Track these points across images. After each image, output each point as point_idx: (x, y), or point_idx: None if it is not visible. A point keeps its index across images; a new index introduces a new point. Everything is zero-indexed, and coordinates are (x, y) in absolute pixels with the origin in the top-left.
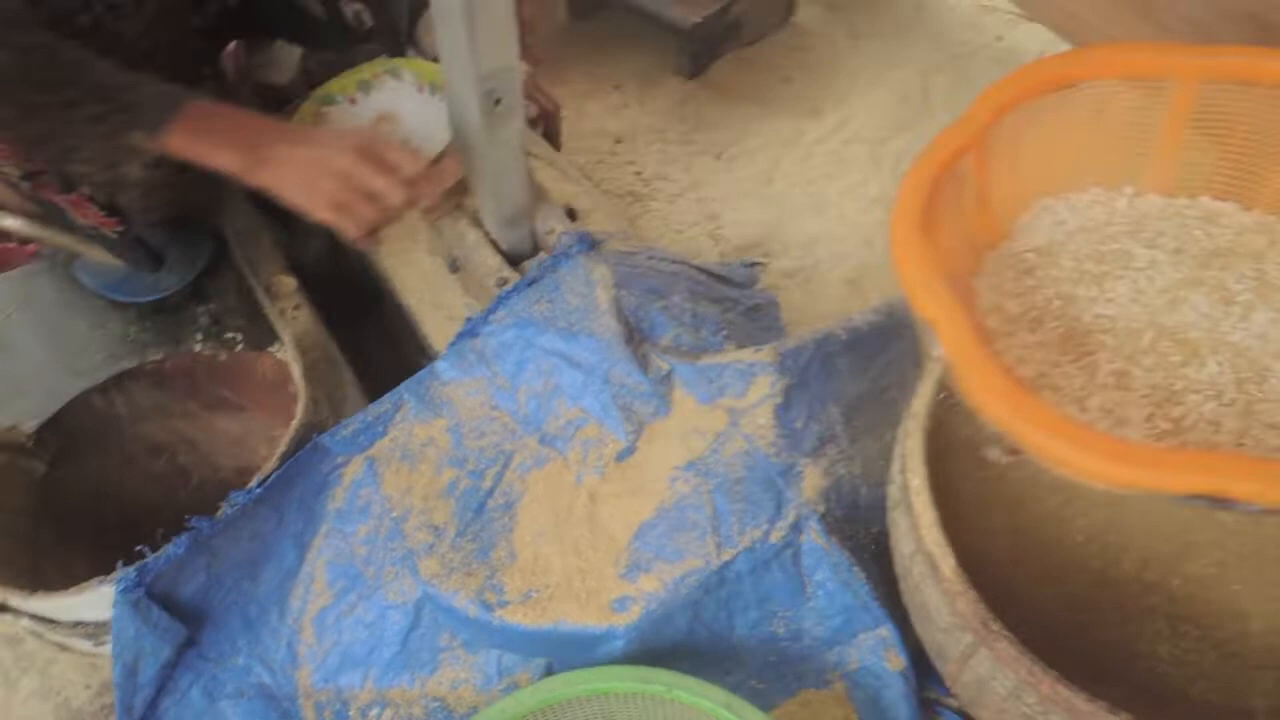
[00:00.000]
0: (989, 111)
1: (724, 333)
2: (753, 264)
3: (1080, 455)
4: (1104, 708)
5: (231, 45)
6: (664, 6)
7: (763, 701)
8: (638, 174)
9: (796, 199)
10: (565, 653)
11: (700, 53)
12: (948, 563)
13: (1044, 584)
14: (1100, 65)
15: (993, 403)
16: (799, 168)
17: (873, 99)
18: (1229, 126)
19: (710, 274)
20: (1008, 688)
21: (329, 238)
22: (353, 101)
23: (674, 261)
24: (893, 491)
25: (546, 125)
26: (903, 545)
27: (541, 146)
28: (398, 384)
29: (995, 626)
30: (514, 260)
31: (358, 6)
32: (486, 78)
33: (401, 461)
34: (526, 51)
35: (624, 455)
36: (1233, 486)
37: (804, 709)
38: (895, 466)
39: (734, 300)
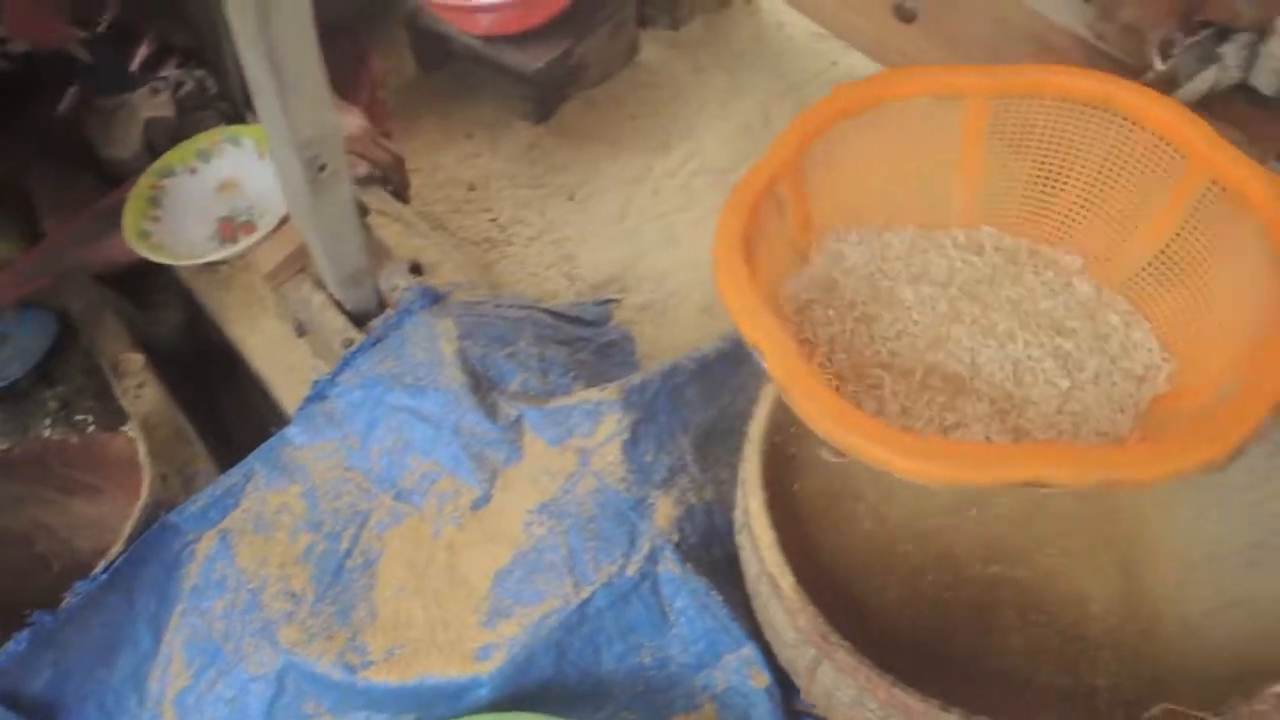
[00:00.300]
0: (799, 137)
1: (573, 374)
2: (605, 301)
3: (905, 459)
4: (936, 705)
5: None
6: (506, 55)
7: None
8: (493, 220)
9: (649, 233)
10: (433, 706)
11: (546, 97)
12: (787, 581)
13: (905, 589)
14: (901, 86)
15: (820, 419)
16: (650, 202)
17: (718, 130)
18: (1022, 140)
19: (560, 316)
20: (851, 695)
21: (183, 309)
22: (193, 171)
23: (521, 307)
24: (738, 515)
25: (391, 179)
26: (749, 567)
27: (388, 202)
28: None
29: (834, 639)
30: (361, 320)
31: (200, 73)
32: (306, 145)
33: (255, 532)
34: (377, 106)
35: (479, 504)
36: (1050, 473)
37: None
38: (738, 491)
39: (586, 340)
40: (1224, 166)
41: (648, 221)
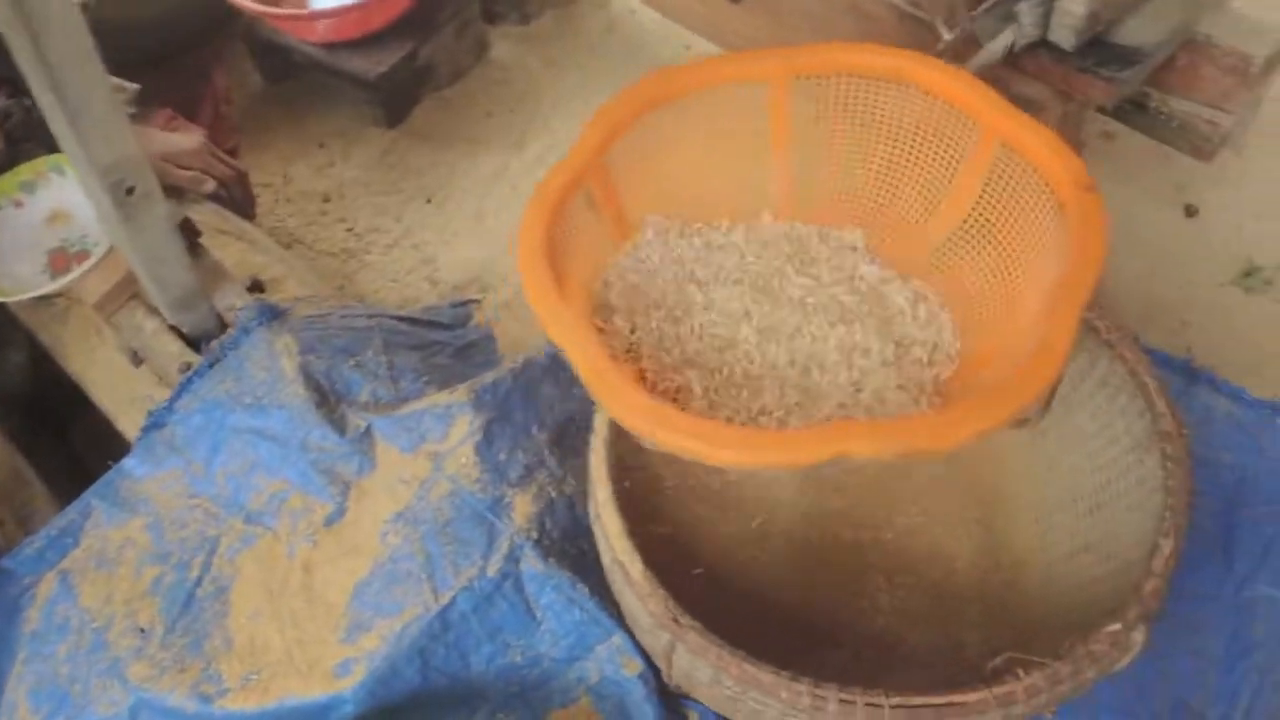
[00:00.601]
0: (600, 134)
1: (426, 378)
2: (463, 303)
3: (710, 448)
4: (786, 677)
5: None
6: (348, 61)
7: None
8: (350, 230)
9: (509, 231)
10: None
11: (395, 101)
12: (636, 567)
13: (774, 564)
14: (703, 75)
15: (629, 417)
16: (509, 200)
17: (574, 124)
18: (826, 120)
19: (413, 321)
20: (708, 675)
21: (26, 347)
22: (18, 205)
23: (370, 315)
24: (591, 506)
25: (234, 195)
26: (604, 556)
27: (229, 220)
28: None
29: (685, 620)
30: (200, 343)
31: (29, 102)
32: (108, 170)
33: (98, 569)
34: (222, 122)
35: (333, 519)
36: (852, 448)
37: None
38: (589, 482)
39: (442, 343)
40: (1009, 129)
41: (507, 219)
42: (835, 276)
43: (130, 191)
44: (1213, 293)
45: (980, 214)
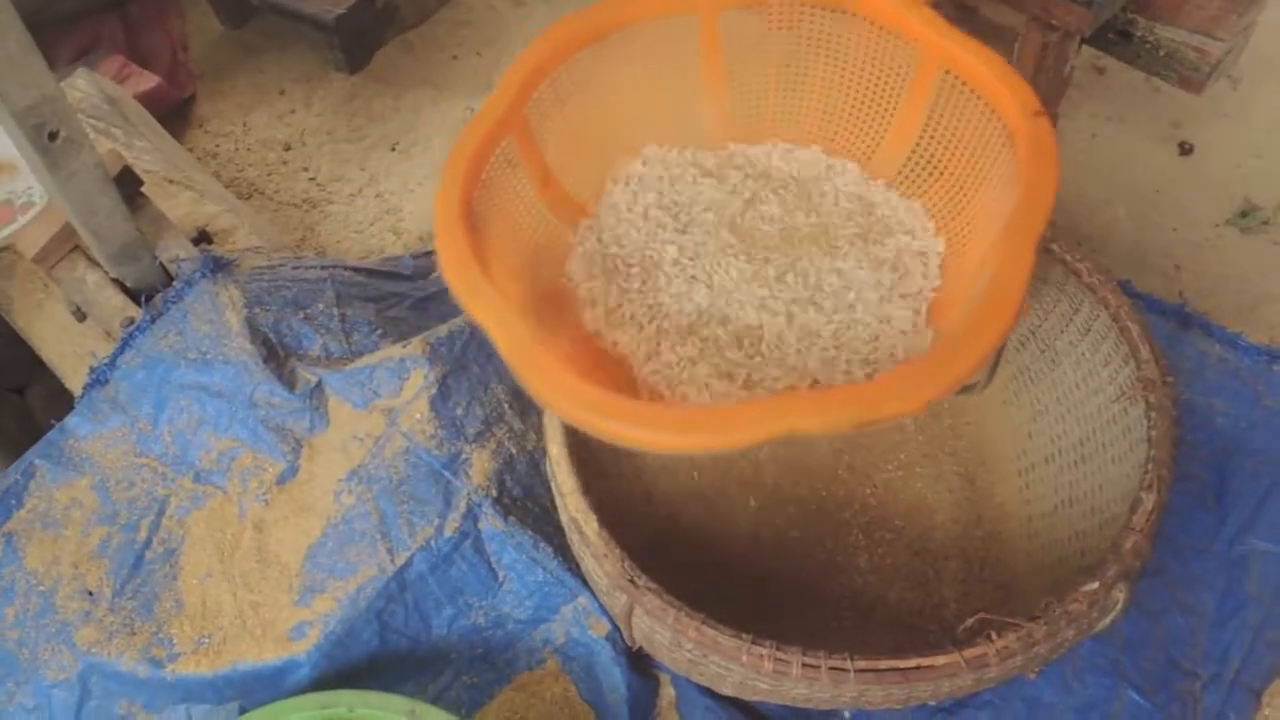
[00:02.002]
0: (515, 89)
1: (380, 332)
2: (426, 254)
3: (642, 432)
4: (748, 640)
5: None
6: (306, 3)
7: (480, 694)
8: (312, 179)
9: None
10: (252, 692)
11: (356, 45)
12: (590, 526)
13: (754, 524)
14: (624, 12)
15: (552, 398)
16: None
17: None
18: (760, 50)
19: (369, 272)
20: (668, 638)
21: None
22: None
23: (323, 266)
24: (547, 463)
25: None
26: (561, 514)
27: (179, 169)
28: None
29: (642, 582)
30: (147, 296)
31: None
32: (27, 112)
33: (44, 531)
34: (179, 69)
35: (285, 477)
36: (798, 424)
37: (522, 692)
38: (544, 438)
39: (401, 295)
40: (952, 52)
41: None
42: (804, 196)
43: (54, 136)
44: (1207, 234)
45: (927, 147)
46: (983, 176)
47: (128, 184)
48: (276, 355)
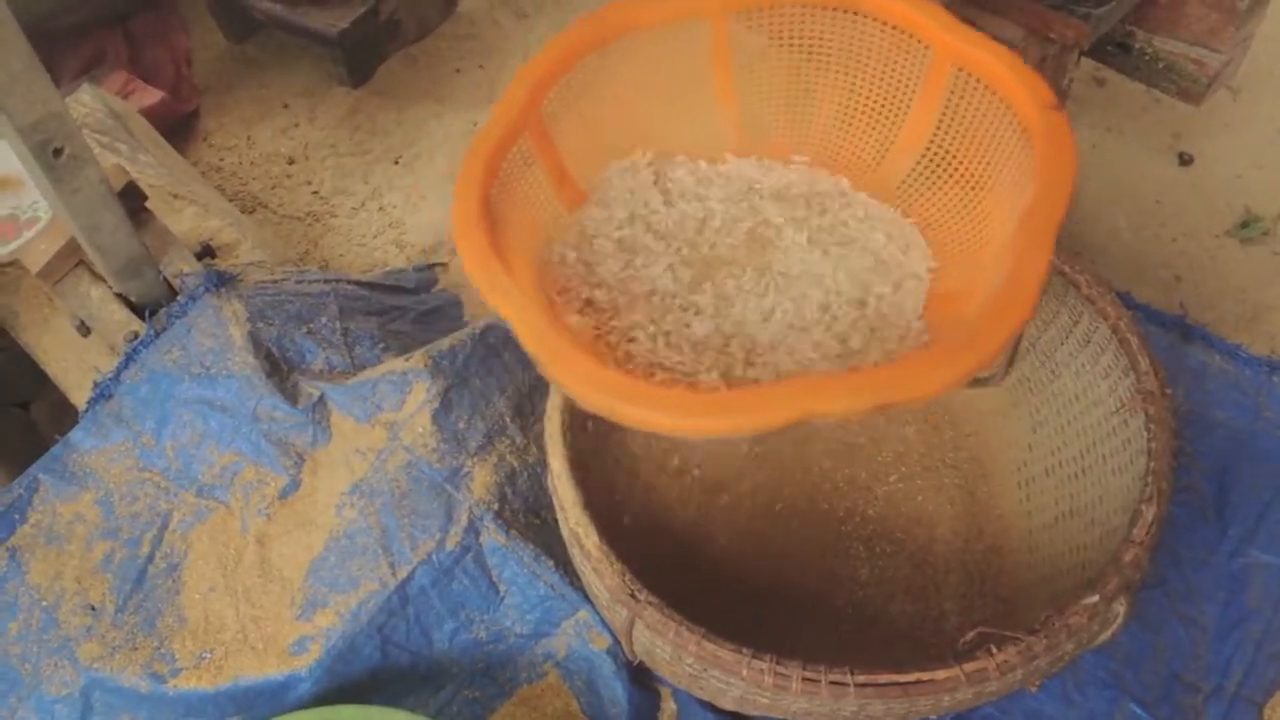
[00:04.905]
0: (528, 89)
1: (382, 345)
2: (428, 267)
3: (665, 415)
4: (748, 655)
5: None
6: (310, 17)
7: (481, 709)
8: (315, 193)
9: None
10: (254, 707)
11: (359, 59)
12: (591, 539)
13: (755, 537)
14: (633, 17)
15: (580, 388)
16: None
17: None
18: (770, 53)
19: (372, 286)
20: (668, 652)
21: None
22: None
23: (327, 281)
24: (548, 476)
25: None
26: (562, 528)
27: (183, 184)
28: None
29: (643, 596)
30: (151, 311)
31: None
32: (33, 129)
33: (48, 546)
34: (183, 83)
35: (288, 491)
36: (818, 406)
37: (524, 706)
38: (546, 450)
39: (403, 308)
40: (965, 50)
41: None
42: (807, 211)
43: (59, 153)
44: (1208, 245)
45: (941, 145)
46: (997, 172)
47: (132, 199)
48: (279, 369)
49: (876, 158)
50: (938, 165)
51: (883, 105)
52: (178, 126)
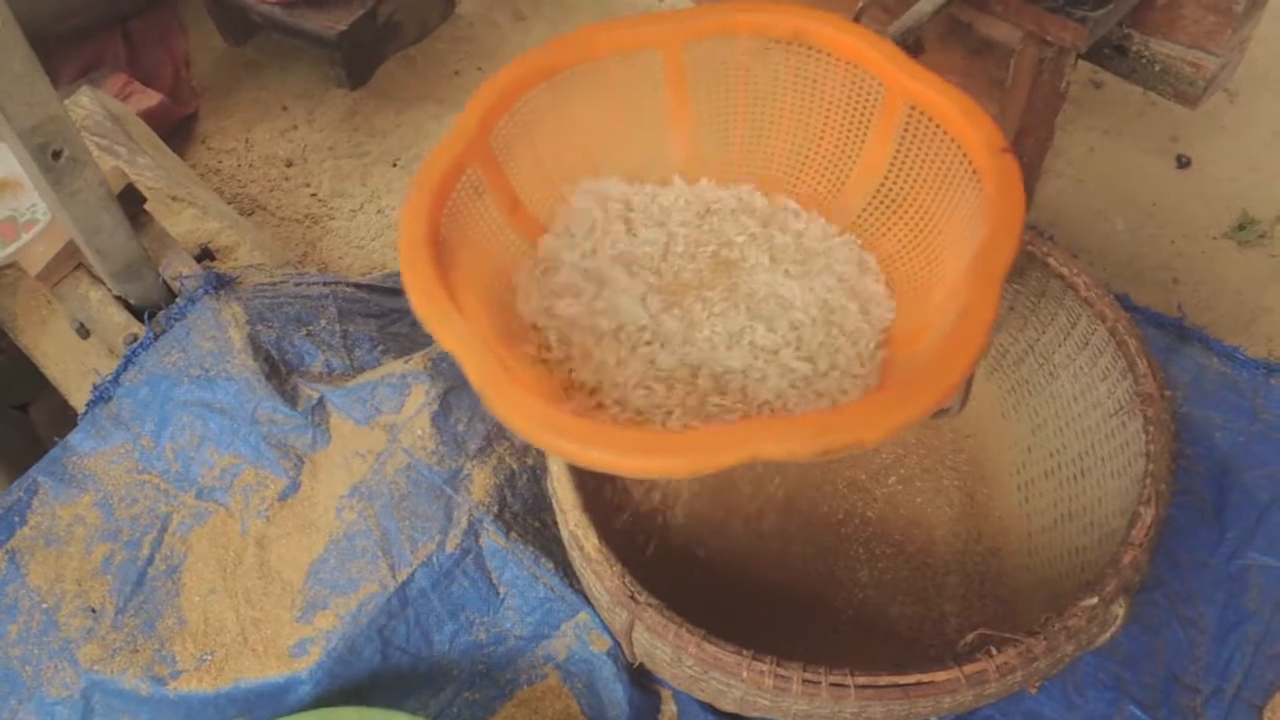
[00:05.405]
0: (478, 118)
1: (382, 348)
2: None
3: (605, 455)
4: (749, 656)
5: None
6: (308, 20)
7: (481, 710)
8: (314, 195)
9: None
10: (254, 709)
11: (358, 61)
12: (591, 541)
13: (755, 539)
14: (586, 47)
15: (523, 425)
16: None
17: None
18: (725, 85)
19: (371, 288)
20: (668, 654)
21: None
22: None
23: (325, 283)
24: (548, 479)
25: None
26: (562, 529)
27: (182, 186)
28: None
29: (643, 598)
30: (147, 313)
31: None
32: (32, 132)
33: (47, 548)
34: (182, 86)
35: (288, 494)
36: (763, 449)
37: (524, 708)
38: (545, 453)
39: (403, 311)
40: (916, 90)
41: None
42: (767, 229)
43: (58, 156)
44: (1205, 247)
45: (894, 182)
46: (950, 211)
47: (131, 201)
48: (279, 372)
49: (834, 189)
50: (893, 201)
51: (839, 137)
52: (176, 129)
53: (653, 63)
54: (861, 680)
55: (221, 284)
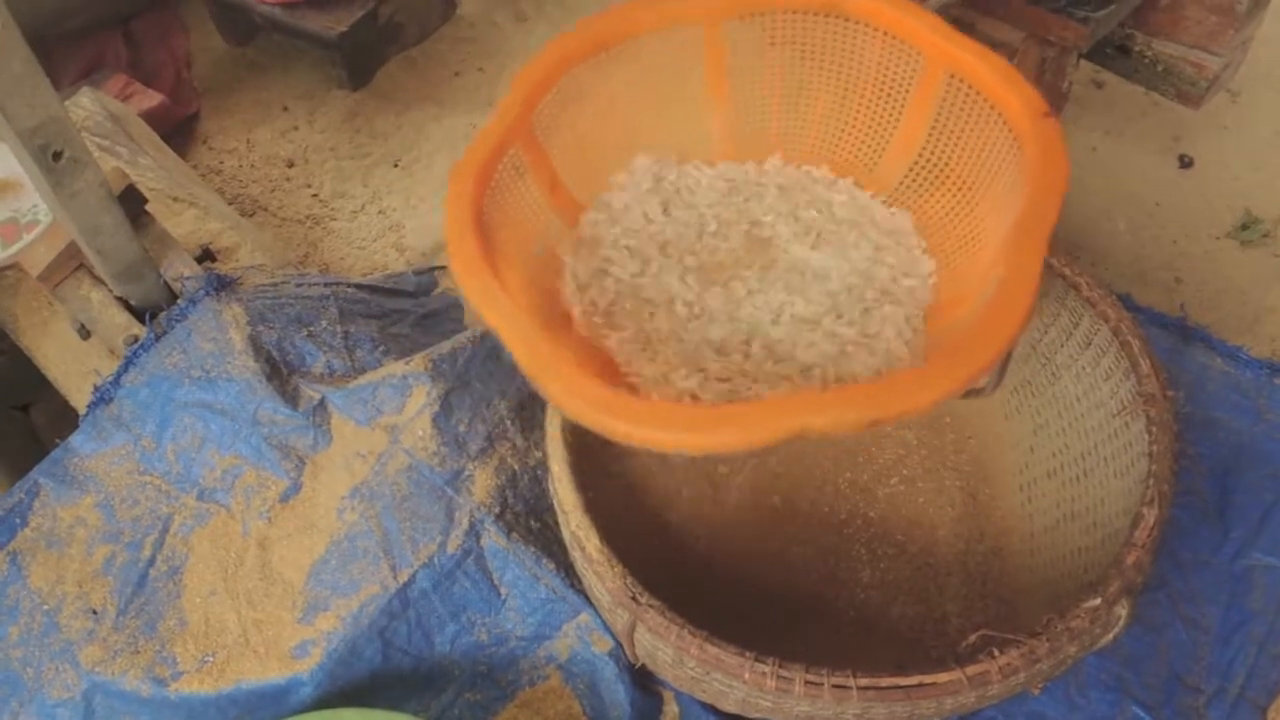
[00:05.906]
0: (521, 98)
1: (383, 349)
2: (428, 270)
3: (653, 432)
4: (751, 658)
5: None
6: (309, 21)
7: (483, 712)
8: (315, 196)
9: None
10: (256, 711)
11: (359, 62)
12: (592, 542)
13: (756, 539)
14: (626, 25)
15: (572, 403)
16: None
17: None
18: (763, 59)
19: (372, 289)
20: (670, 655)
21: None
22: None
23: (327, 284)
24: (549, 479)
25: None
26: (563, 530)
27: (183, 187)
28: None
29: (645, 599)
30: (148, 314)
31: None
32: (33, 133)
33: (48, 549)
34: (183, 87)
35: (289, 495)
36: (811, 422)
37: (526, 709)
38: (545, 454)
39: (403, 312)
40: (957, 57)
41: None
42: (795, 204)
43: (58, 156)
44: (1208, 247)
45: (933, 151)
46: (990, 179)
47: (132, 202)
48: (280, 373)
49: (871, 161)
50: (932, 170)
51: (876, 108)
52: (177, 129)
53: (694, 39)
54: (864, 682)
55: (223, 285)
